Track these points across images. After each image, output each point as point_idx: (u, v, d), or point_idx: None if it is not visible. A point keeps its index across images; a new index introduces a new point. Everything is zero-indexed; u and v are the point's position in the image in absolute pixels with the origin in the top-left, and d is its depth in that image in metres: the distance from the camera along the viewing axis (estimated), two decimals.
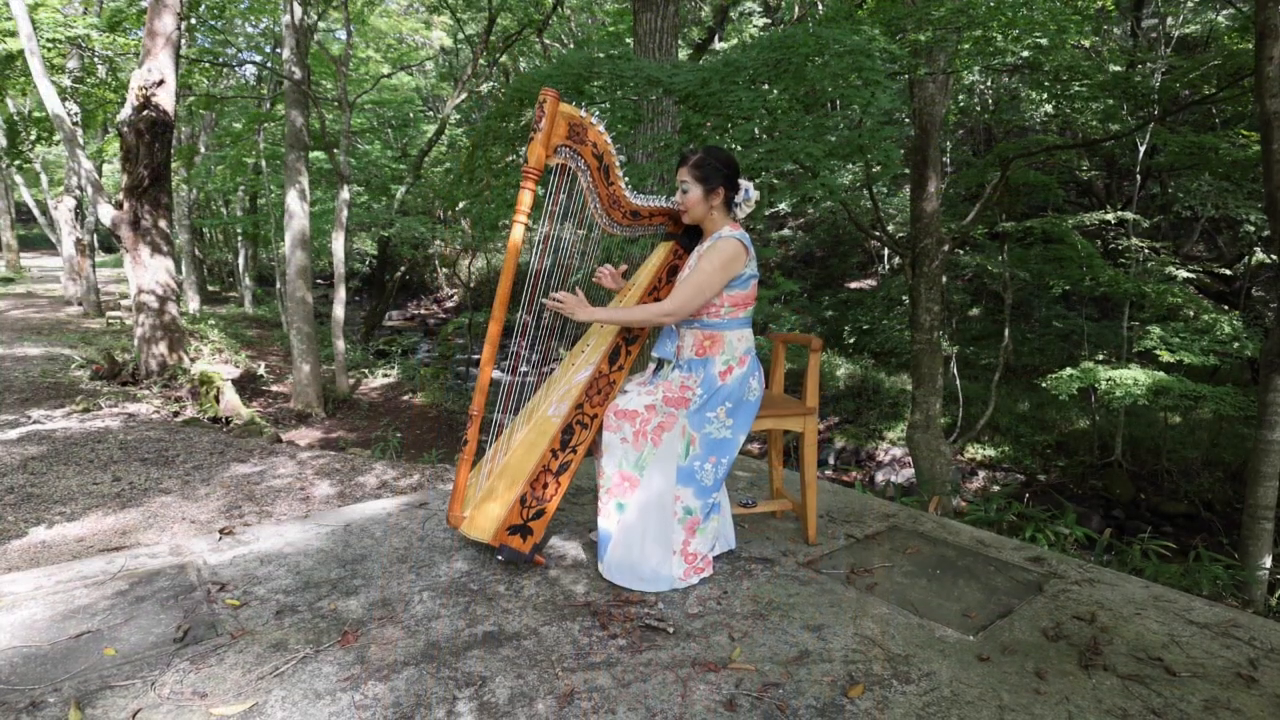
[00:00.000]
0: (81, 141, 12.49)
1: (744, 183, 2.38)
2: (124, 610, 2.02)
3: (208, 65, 11.37)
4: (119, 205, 7.90)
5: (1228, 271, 11.84)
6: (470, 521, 2.20)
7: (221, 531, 2.59)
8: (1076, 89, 4.92)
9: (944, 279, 8.05)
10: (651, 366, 2.45)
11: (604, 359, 2.33)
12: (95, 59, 10.24)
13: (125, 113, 7.79)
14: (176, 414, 7.36)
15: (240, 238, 19.69)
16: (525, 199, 2.13)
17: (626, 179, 2.36)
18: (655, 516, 2.22)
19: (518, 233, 2.14)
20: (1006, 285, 9.63)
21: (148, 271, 8.00)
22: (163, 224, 8.06)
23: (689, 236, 2.50)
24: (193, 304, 17.01)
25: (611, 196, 2.32)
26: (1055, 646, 1.91)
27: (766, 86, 3.99)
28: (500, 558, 2.22)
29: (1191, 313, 8.84)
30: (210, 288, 23.68)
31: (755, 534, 2.66)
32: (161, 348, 8.12)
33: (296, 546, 2.47)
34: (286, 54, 10.03)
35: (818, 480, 2.58)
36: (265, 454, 5.53)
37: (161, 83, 7.81)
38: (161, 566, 2.30)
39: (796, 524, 2.76)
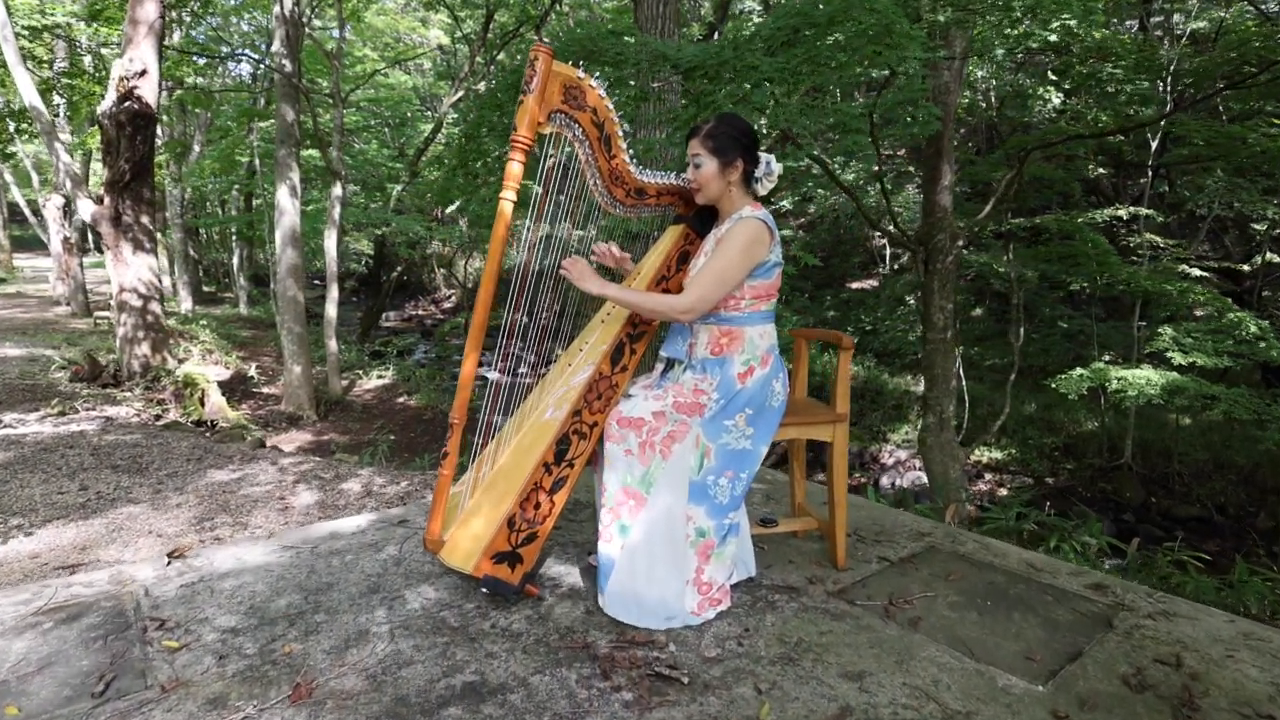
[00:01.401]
0: (65, 134, 12.22)
1: (765, 155, 2.08)
2: (41, 654, 1.72)
3: (196, 58, 11.06)
4: (99, 200, 7.60)
5: (1246, 268, 11.55)
6: (451, 545, 1.90)
7: (171, 555, 2.28)
8: (1110, 71, 4.61)
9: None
10: (659, 367, 2.15)
11: (605, 358, 2.02)
12: (80, 50, 9.93)
13: (106, 104, 7.49)
14: (158, 417, 7.05)
15: (235, 238, 19.40)
16: (514, 169, 1.83)
17: (631, 152, 2.06)
18: (664, 540, 1.92)
19: (506, 207, 1.84)
20: (1015, 284, 9.34)
21: (129, 269, 7.70)
22: (145, 220, 7.76)
23: (702, 219, 2.20)
24: (185, 304, 16.72)
25: (613, 171, 2.02)
26: (1142, 700, 1.61)
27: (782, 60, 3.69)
28: (485, 590, 1.92)
29: (1214, 312, 8.55)
30: (206, 288, 23.45)
31: (776, 557, 2.35)
32: (144, 348, 7.82)
33: (255, 573, 2.16)
34: (276, 45, 9.74)
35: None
36: (246, 460, 5.22)
37: (144, 73, 7.51)
38: (95, 598, 2.00)
39: (821, 543, 2.45)
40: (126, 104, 7.43)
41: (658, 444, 1.92)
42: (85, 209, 7.54)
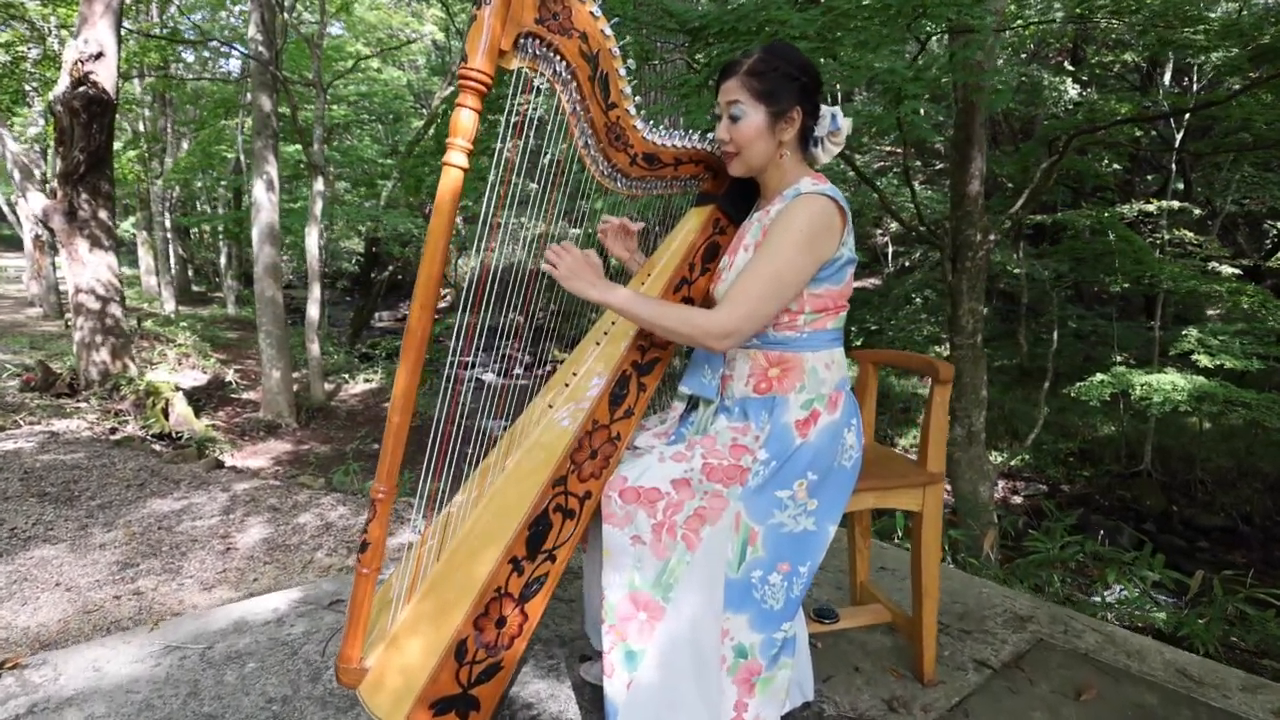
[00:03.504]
0: (32, 119, 11.54)
1: (828, 108, 1.45)
2: None
3: (165, 42, 10.40)
4: (52, 194, 6.97)
5: (1275, 264, 11.00)
6: (375, 680, 1.27)
7: (2, 665, 1.66)
8: (1187, 35, 4.01)
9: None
10: (678, 406, 1.53)
11: (602, 399, 1.40)
12: (40, 32, 9.29)
13: (58, 90, 6.85)
14: (113, 431, 6.43)
15: (222, 236, 18.79)
16: (464, 119, 1.21)
17: (638, 101, 1.43)
18: (690, 667, 1.30)
19: (452, 177, 1.22)
20: (1047, 284, 8.76)
21: (86, 269, 7.07)
22: (103, 215, 7.13)
23: (737, 199, 1.58)
24: (168, 305, 16.09)
25: (613, 127, 1.39)
26: None
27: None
28: None
29: (1256, 311, 7.98)
30: (196, 288, 22.92)
31: (836, 663, 1.73)
32: (103, 354, 7.19)
33: (111, 697, 1.54)
34: (252, 31, 9.10)
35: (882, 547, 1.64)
36: (195, 485, 4.59)
37: (100, 56, 6.87)
38: None
39: (891, 637, 1.83)
40: (81, 89, 6.80)
41: (680, 527, 1.30)
42: (36, 202, 6.91)
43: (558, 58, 1.29)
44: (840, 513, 1.39)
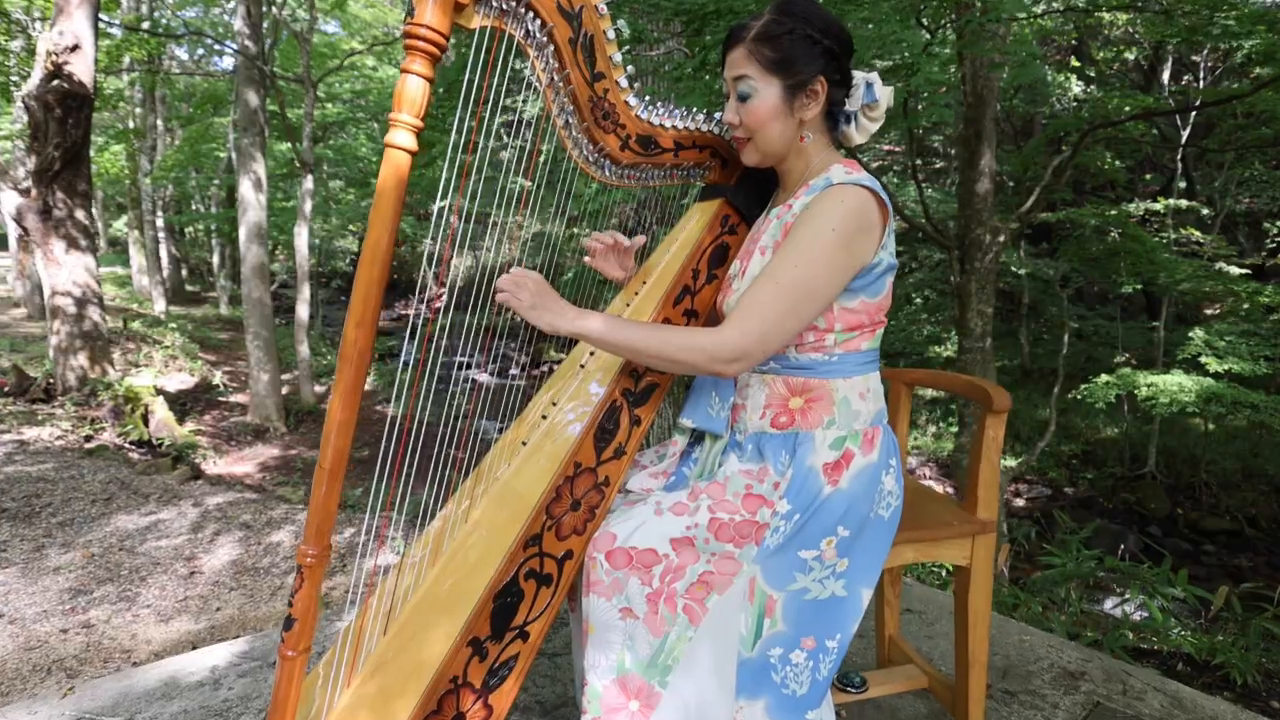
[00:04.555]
0: (17, 115, 11.23)
1: (862, 74, 1.20)
2: None
3: (149, 37, 10.12)
4: (26, 192, 6.71)
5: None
6: None
7: None
8: (1221, 21, 3.75)
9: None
10: (679, 440, 1.27)
11: (587, 436, 1.14)
12: (20, 24, 9.02)
13: (32, 83, 6.60)
14: (88, 438, 6.18)
15: (215, 235, 18.54)
16: (411, 88, 0.96)
17: (631, 70, 1.18)
18: None
19: (397, 160, 0.97)
20: (1063, 282, 8.53)
21: (62, 270, 6.81)
22: (80, 214, 6.87)
23: (747, 192, 1.33)
24: (158, 305, 15.81)
25: (599, 102, 1.14)
26: None
27: None
28: None
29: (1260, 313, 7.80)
30: (190, 287, 22.70)
31: None
32: (81, 359, 6.93)
33: None
34: (238, 24, 8.84)
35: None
36: (165, 499, 4.34)
37: (75, 48, 6.62)
38: None
39: (927, 701, 1.58)
40: (56, 83, 6.54)
41: (681, 597, 1.04)
42: (9, 201, 6.64)
43: (529, 14, 1.04)
44: (877, 574, 1.14)
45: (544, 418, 1.21)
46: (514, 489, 1.14)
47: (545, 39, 1.07)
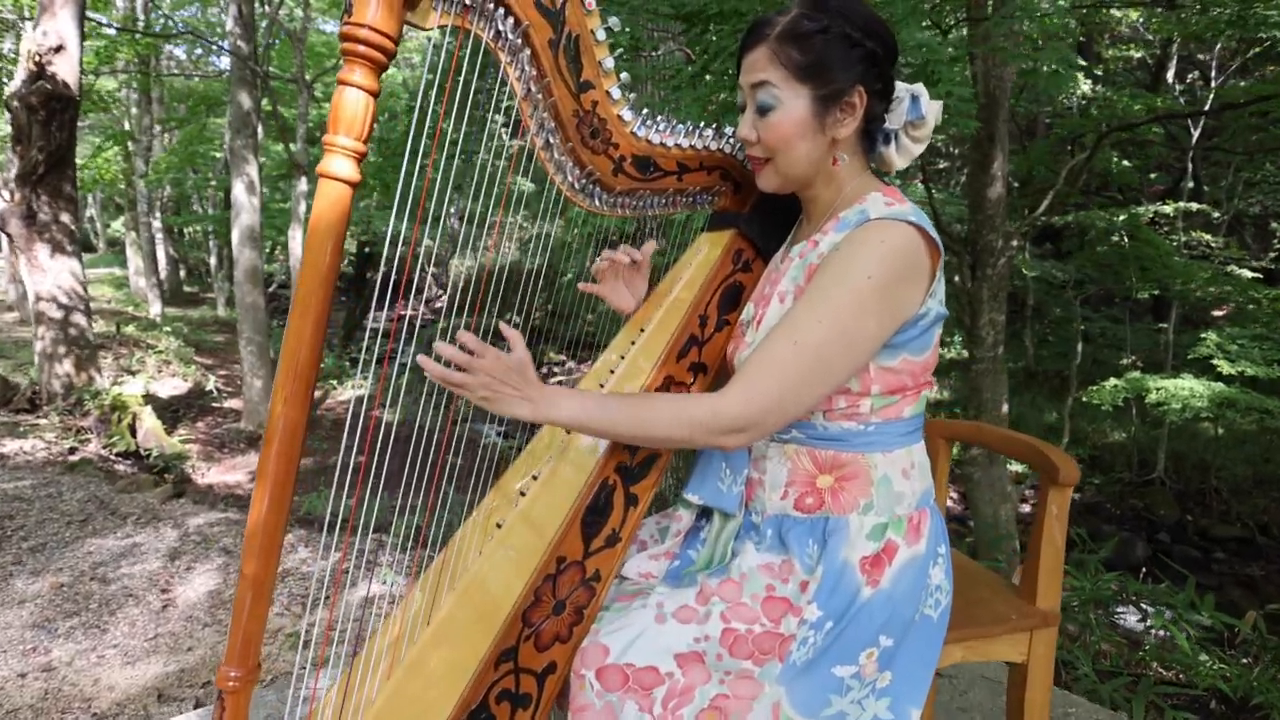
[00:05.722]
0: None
1: (905, 86, 1.00)
2: None
3: (141, 37, 9.94)
4: (11, 196, 6.53)
5: None
6: None
7: None
8: (1263, 13, 3.53)
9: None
10: (684, 517, 1.07)
11: (573, 524, 0.94)
12: (8, 23, 8.85)
13: (15, 84, 6.42)
14: (72, 450, 6.00)
15: (212, 237, 18.39)
16: (349, 102, 0.76)
17: (625, 77, 0.98)
18: None
19: (333, 193, 0.77)
20: (1073, 285, 8.36)
21: (47, 275, 6.63)
22: (65, 218, 6.69)
23: (763, 222, 1.13)
24: (154, 308, 15.64)
25: (586, 117, 0.94)
26: None
27: None
28: None
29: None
30: (188, 288, 22.60)
31: None
32: (66, 366, 6.75)
33: None
34: (230, 24, 8.65)
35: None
36: (144, 520, 4.15)
37: (60, 49, 6.43)
38: None
39: None
40: (39, 84, 6.36)
41: None
42: None
43: (500, 10, 0.84)
44: (926, 687, 0.94)
45: (522, 494, 1.02)
46: (485, 586, 0.95)
47: (520, 41, 0.87)
